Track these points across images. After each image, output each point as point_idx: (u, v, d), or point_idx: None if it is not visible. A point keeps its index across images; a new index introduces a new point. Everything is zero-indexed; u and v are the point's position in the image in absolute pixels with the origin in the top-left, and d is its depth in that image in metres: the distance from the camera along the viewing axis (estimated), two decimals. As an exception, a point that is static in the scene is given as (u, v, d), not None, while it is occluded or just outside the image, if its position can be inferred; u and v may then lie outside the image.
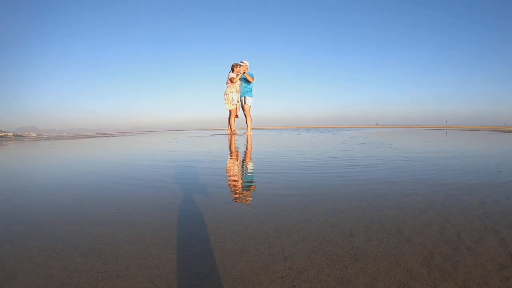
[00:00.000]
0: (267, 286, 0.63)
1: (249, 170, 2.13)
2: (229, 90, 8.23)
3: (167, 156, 3.21)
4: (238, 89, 8.28)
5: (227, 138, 6.13)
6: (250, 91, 8.28)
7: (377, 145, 3.92)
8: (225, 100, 8.32)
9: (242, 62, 8.28)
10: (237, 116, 8.42)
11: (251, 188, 1.54)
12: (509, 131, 12.00)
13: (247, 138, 6.01)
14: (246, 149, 3.79)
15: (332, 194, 1.33)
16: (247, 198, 1.33)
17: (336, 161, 2.39)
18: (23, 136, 14.30)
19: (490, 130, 13.45)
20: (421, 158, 2.52)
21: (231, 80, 8.23)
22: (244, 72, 8.16)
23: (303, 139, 5.83)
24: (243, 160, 2.69)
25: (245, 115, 8.25)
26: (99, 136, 11.16)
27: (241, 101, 8.24)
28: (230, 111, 8.30)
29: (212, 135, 8.61)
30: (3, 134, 13.22)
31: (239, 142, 4.96)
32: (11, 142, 8.14)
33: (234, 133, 8.30)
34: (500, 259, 0.72)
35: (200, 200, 1.28)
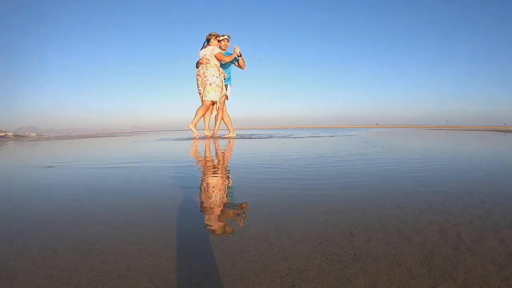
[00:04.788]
0: (267, 286, 0.63)
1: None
2: (215, 72, 5.63)
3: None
4: (223, 73, 5.87)
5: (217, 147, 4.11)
6: (230, 77, 6.02)
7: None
8: (208, 85, 5.57)
9: (224, 35, 5.82)
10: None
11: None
12: (509, 131, 11.98)
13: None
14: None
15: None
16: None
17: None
18: (23, 136, 14.29)
19: (490, 130, 13.43)
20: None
21: (220, 58, 5.54)
22: (241, 55, 5.70)
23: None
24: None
25: (219, 109, 5.98)
26: (99, 136, 11.16)
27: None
28: (211, 103, 5.75)
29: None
30: (3, 134, 13.22)
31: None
32: (11, 142, 8.14)
33: (212, 136, 6.09)
34: (500, 259, 0.72)
35: (200, 200, 1.28)
